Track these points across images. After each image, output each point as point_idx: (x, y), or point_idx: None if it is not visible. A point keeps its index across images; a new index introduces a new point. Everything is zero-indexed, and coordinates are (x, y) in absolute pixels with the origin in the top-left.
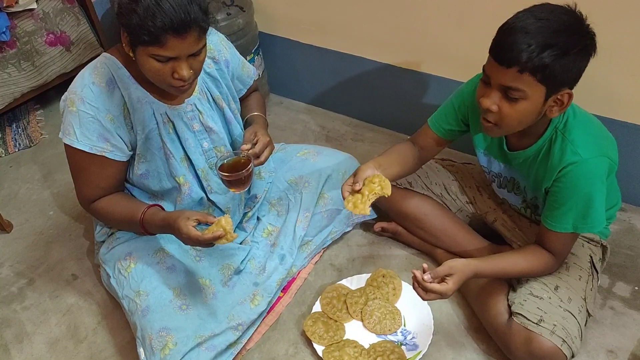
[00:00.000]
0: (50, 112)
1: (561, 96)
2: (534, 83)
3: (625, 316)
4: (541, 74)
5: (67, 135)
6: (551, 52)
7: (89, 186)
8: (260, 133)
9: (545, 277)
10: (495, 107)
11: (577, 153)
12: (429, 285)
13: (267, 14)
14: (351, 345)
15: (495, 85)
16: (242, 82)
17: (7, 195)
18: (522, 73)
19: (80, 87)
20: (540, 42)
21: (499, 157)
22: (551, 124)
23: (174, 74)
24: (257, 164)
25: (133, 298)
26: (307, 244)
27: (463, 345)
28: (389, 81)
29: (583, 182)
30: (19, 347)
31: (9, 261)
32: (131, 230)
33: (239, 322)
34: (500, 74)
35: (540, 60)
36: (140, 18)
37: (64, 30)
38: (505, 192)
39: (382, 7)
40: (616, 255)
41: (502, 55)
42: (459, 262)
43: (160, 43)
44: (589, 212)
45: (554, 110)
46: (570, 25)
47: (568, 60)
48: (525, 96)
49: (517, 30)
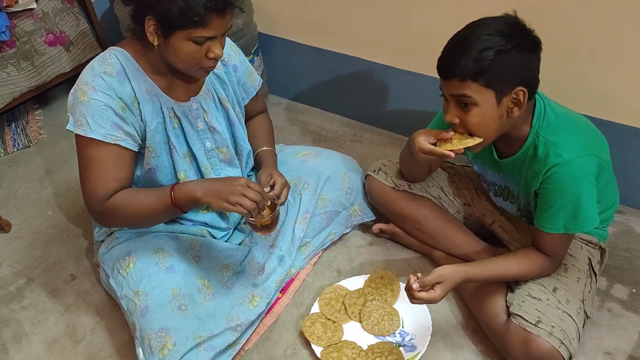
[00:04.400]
0: (49, 112)
1: (516, 95)
2: (480, 88)
3: (623, 318)
4: (482, 78)
5: (80, 126)
6: (486, 55)
7: (104, 180)
8: (275, 174)
9: (544, 279)
10: (456, 120)
11: (559, 155)
12: (415, 293)
13: (267, 15)
14: (349, 346)
15: (449, 99)
16: (246, 91)
17: (6, 195)
18: (464, 81)
19: (91, 77)
20: (473, 48)
21: (491, 166)
22: (532, 128)
23: (209, 54)
24: (279, 204)
25: (132, 298)
26: (306, 245)
27: (461, 346)
28: (388, 82)
29: (569, 183)
30: (17, 346)
31: (7, 261)
32: (157, 218)
33: (237, 322)
34: (447, 87)
35: (476, 65)
36: (185, 1)
37: (64, 30)
38: (501, 200)
39: (381, 8)
40: (614, 258)
41: (443, 69)
42: (448, 269)
43: (205, 24)
44: (578, 213)
45: (514, 111)
46: (502, 28)
47: (505, 58)
48: (475, 102)
49: (454, 44)
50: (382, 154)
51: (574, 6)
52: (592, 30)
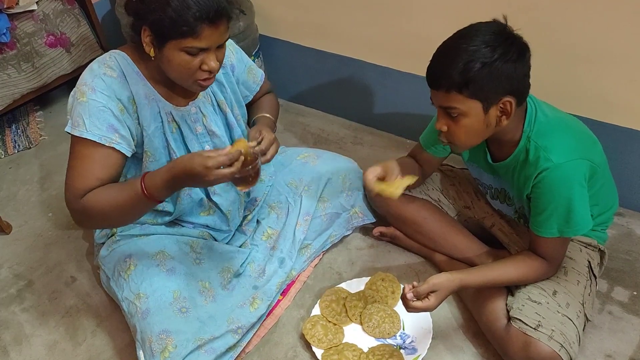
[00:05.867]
0: (50, 114)
1: (503, 105)
2: (465, 100)
3: (624, 321)
4: (467, 89)
5: (77, 127)
6: (471, 67)
7: (84, 176)
8: (265, 131)
9: (544, 282)
10: (444, 128)
11: (549, 159)
12: (410, 303)
13: (268, 17)
14: (350, 348)
15: (438, 108)
16: (248, 88)
17: (6, 197)
18: (450, 92)
19: (90, 78)
20: (460, 60)
21: (487, 169)
22: (524, 132)
23: (203, 66)
24: (263, 162)
25: (133, 300)
26: (306, 247)
27: (462, 349)
28: (388, 85)
29: (559, 187)
30: (17, 349)
31: (7, 263)
32: (132, 213)
33: (238, 325)
34: (435, 97)
35: (461, 78)
36: (175, 10)
37: (64, 31)
38: (498, 203)
39: (382, 10)
40: (614, 260)
41: (431, 79)
42: (442, 277)
43: (196, 34)
44: (570, 216)
45: (503, 119)
46: (487, 39)
47: (490, 70)
48: (462, 112)
49: (440, 55)
50: (383, 156)
51: (572, 8)
52: (591, 32)
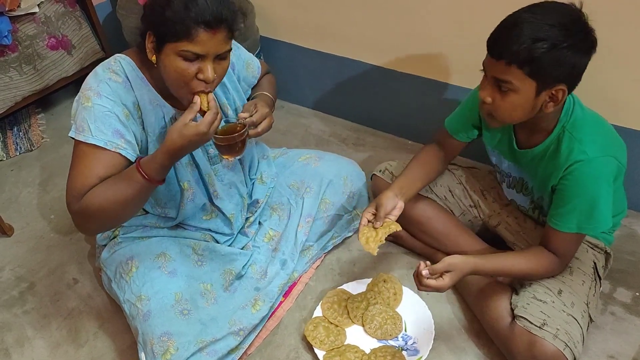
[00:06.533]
0: (52, 116)
1: (555, 92)
2: (523, 77)
3: (626, 322)
4: (529, 67)
5: (82, 132)
6: (540, 46)
7: (85, 176)
8: (260, 105)
9: (549, 281)
10: (489, 99)
11: (584, 152)
12: (425, 280)
13: (269, 18)
14: (352, 350)
15: (489, 77)
16: (247, 83)
17: (8, 199)
18: (510, 65)
19: (95, 82)
20: (529, 35)
21: (508, 155)
22: (559, 122)
23: (199, 75)
24: (254, 134)
25: (134, 302)
26: (308, 249)
27: (464, 350)
28: (390, 86)
29: (589, 181)
30: (19, 351)
31: (9, 265)
32: (132, 203)
33: (240, 327)
34: (492, 65)
35: (527, 53)
36: (173, 11)
37: (66, 34)
38: (514, 192)
39: (384, 12)
40: (618, 261)
41: (493, 47)
42: (458, 259)
43: (191, 36)
44: (593, 213)
45: (549, 106)
46: (565, 22)
47: (558, 54)
48: (514, 88)
49: (510, 24)
50: (385, 158)
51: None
52: (601, 33)
